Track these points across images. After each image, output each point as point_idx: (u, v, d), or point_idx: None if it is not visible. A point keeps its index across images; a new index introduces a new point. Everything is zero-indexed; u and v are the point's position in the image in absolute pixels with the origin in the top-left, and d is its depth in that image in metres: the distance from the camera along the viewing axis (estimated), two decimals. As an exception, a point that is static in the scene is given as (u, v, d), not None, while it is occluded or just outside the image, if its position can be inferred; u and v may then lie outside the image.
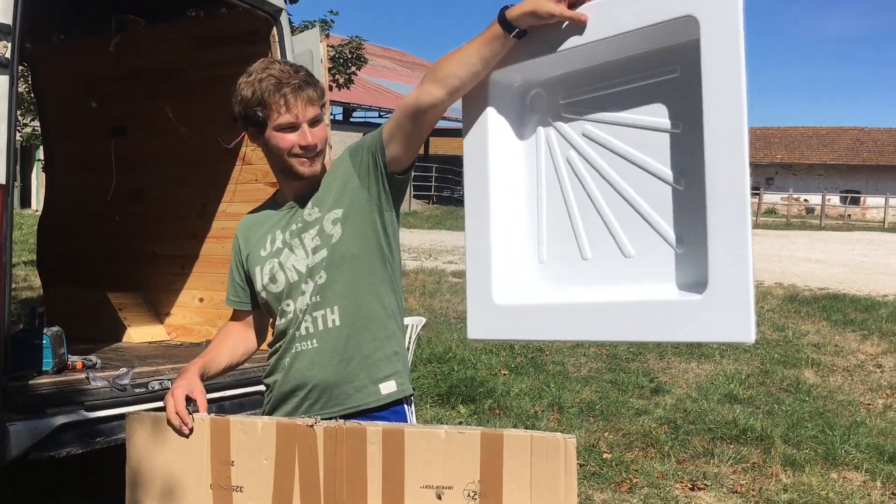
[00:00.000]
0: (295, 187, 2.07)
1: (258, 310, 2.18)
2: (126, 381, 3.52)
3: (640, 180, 1.77)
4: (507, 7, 1.76)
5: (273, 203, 2.16)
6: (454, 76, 1.85)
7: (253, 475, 1.80)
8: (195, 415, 1.86)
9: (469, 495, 1.67)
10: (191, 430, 1.85)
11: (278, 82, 1.93)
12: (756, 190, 41.00)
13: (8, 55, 3.07)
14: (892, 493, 4.50)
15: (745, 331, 1.54)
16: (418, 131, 1.96)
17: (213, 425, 1.84)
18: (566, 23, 1.75)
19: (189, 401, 1.89)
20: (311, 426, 1.76)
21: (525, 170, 1.98)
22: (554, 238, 1.93)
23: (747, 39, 1.55)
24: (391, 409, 2.05)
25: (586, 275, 1.86)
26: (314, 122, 1.99)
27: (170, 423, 1.84)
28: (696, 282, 1.65)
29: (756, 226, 32.72)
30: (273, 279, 2.06)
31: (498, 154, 1.94)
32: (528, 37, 1.80)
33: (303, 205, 2.06)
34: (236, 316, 2.22)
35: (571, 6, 1.72)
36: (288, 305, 2.04)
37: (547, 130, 1.94)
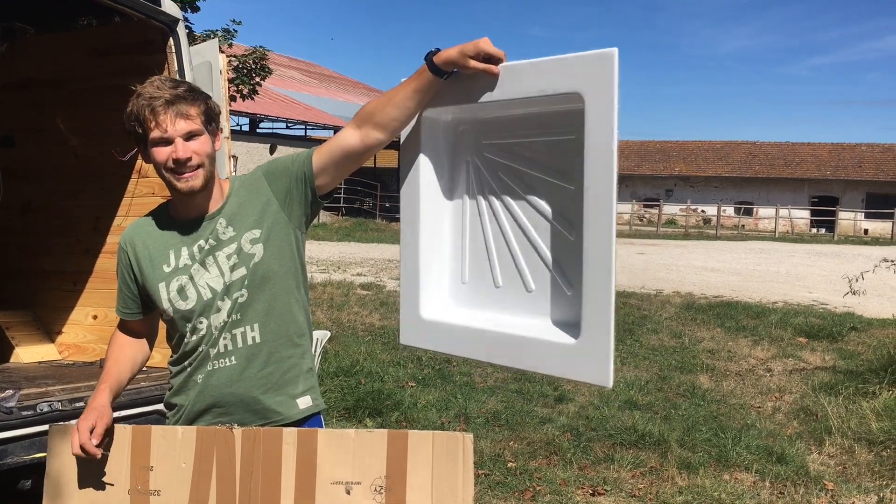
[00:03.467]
0: (190, 203, 2.05)
1: (148, 316, 2.18)
2: (12, 404, 3.37)
3: (542, 225, 1.98)
4: (433, 53, 1.92)
5: (167, 216, 2.12)
6: (396, 121, 2.00)
7: (171, 479, 1.87)
8: (117, 425, 1.91)
9: (375, 489, 1.80)
10: (103, 456, 1.88)
11: (150, 97, 1.95)
12: (656, 201, 42.41)
13: None
14: (780, 493, 4.72)
15: (605, 377, 1.80)
16: (353, 166, 2.08)
17: (134, 434, 1.91)
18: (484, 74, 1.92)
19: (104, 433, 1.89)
20: (231, 429, 1.86)
21: (453, 197, 2.17)
22: (474, 263, 2.13)
23: (628, 82, 1.72)
24: (308, 422, 2.11)
25: (497, 301, 2.07)
26: (190, 137, 1.97)
27: (75, 454, 1.86)
28: (578, 323, 1.85)
29: (656, 236, 33.85)
30: (183, 295, 2.04)
31: (429, 181, 2.13)
32: (454, 85, 1.96)
33: (210, 221, 2.05)
34: (127, 326, 2.20)
35: (486, 61, 1.89)
36: (201, 323, 2.04)
37: (473, 163, 2.13)
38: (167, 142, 1.96)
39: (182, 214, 2.08)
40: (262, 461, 1.82)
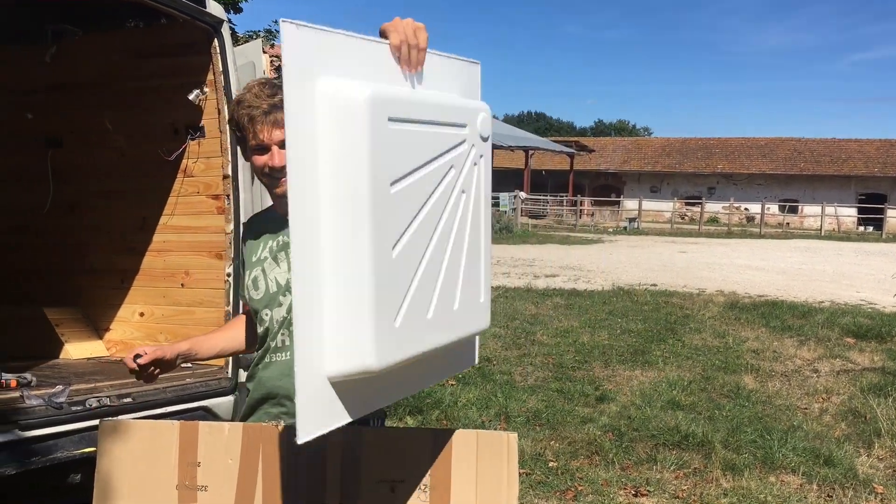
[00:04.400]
0: (284, 202, 2.10)
1: None
2: (62, 399, 3.44)
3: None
4: None
5: (274, 211, 2.22)
6: None
7: (218, 475, 1.88)
8: (164, 421, 1.98)
9: (420, 488, 1.80)
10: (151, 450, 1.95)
11: (249, 107, 2.02)
12: (698, 199, 41.88)
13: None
14: (828, 496, 4.63)
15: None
16: None
17: (181, 429, 1.93)
18: None
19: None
20: (276, 426, 1.86)
21: None
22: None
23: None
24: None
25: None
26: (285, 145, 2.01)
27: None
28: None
29: (698, 234, 33.44)
30: (255, 286, 2.15)
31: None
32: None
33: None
34: (244, 308, 2.33)
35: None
36: (266, 314, 2.13)
37: None
38: (264, 150, 2.03)
39: (281, 211, 2.17)
40: (307, 458, 1.83)
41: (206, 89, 4.25)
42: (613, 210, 43.43)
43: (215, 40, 4.11)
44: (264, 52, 4.91)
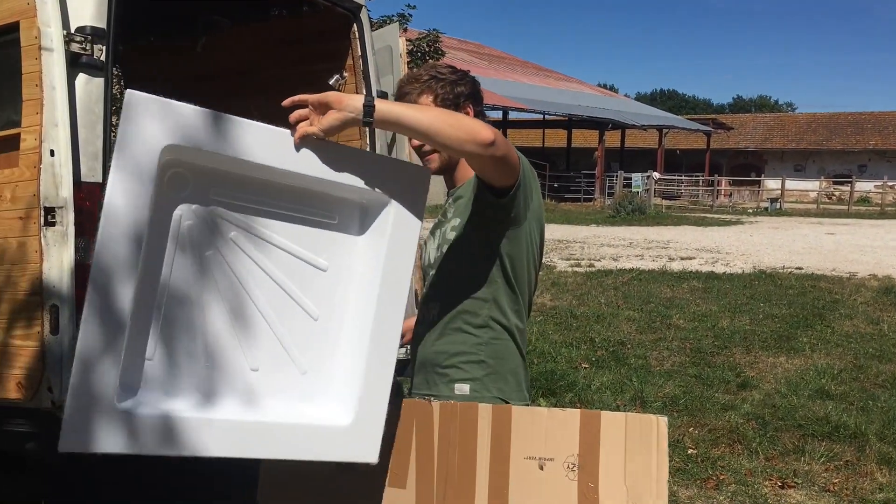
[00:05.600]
0: (443, 179, 2.25)
1: None
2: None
3: (278, 300, 1.82)
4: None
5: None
6: None
7: None
8: None
9: (568, 467, 1.81)
10: None
11: (399, 88, 2.14)
12: (848, 177, 39.43)
13: (103, 58, 3.20)
14: None
15: (372, 454, 1.83)
16: (485, 165, 1.96)
17: None
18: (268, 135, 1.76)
19: None
20: (430, 401, 1.94)
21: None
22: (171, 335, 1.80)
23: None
24: None
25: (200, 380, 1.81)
26: None
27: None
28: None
29: (847, 215, 31.52)
30: (422, 249, 2.27)
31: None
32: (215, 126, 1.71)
33: (449, 199, 2.23)
34: None
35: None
36: (423, 284, 2.28)
37: (191, 214, 1.74)
38: None
39: (446, 184, 2.28)
40: (458, 434, 1.88)
41: (345, 74, 4.36)
42: (753, 190, 41.54)
43: (354, 26, 4.20)
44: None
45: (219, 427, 1.70)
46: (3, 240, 3.11)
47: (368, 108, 1.73)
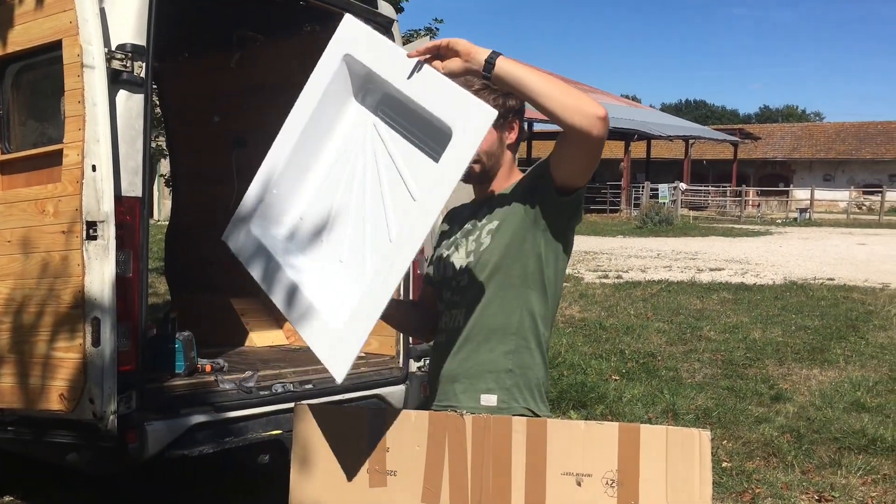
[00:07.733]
0: (475, 189, 2.21)
1: (434, 289, 2.28)
2: (252, 384, 3.67)
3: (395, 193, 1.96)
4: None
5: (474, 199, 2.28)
6: None
7: (406, 460, 1.94)
8: (355, 406, 2.16)
9: (608, 483, 1.76)
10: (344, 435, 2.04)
11: None
12: (878, 187, 38.92)
13: (143, 75, 3.26)
14: None
15: (339, 372, 1.88)
16: (578, 155, 1.96)
17: (371, 415, 2.04)
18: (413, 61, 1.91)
19: None
20: (462, 415, 1.89)
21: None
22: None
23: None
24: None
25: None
26: None
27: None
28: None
29: (878, 225, 31.12)
30: (435, 265, 2.21)
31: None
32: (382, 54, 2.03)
33: (481, 208, 2.15)
34: (424, 290, 2.35)
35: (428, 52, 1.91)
36: (441, 296, 2.17)
37: (366, 123, 2.13)
38: None
39: (476, 195, 2.23)
40: (492, 449, 1.84)
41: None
42: (781, 200, 41.13)
43: (386, 39, 4.23)
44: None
45: (284, 276, 2.18)
46: (47, 253, 3.17)
47: (489, 63, 1.82)
